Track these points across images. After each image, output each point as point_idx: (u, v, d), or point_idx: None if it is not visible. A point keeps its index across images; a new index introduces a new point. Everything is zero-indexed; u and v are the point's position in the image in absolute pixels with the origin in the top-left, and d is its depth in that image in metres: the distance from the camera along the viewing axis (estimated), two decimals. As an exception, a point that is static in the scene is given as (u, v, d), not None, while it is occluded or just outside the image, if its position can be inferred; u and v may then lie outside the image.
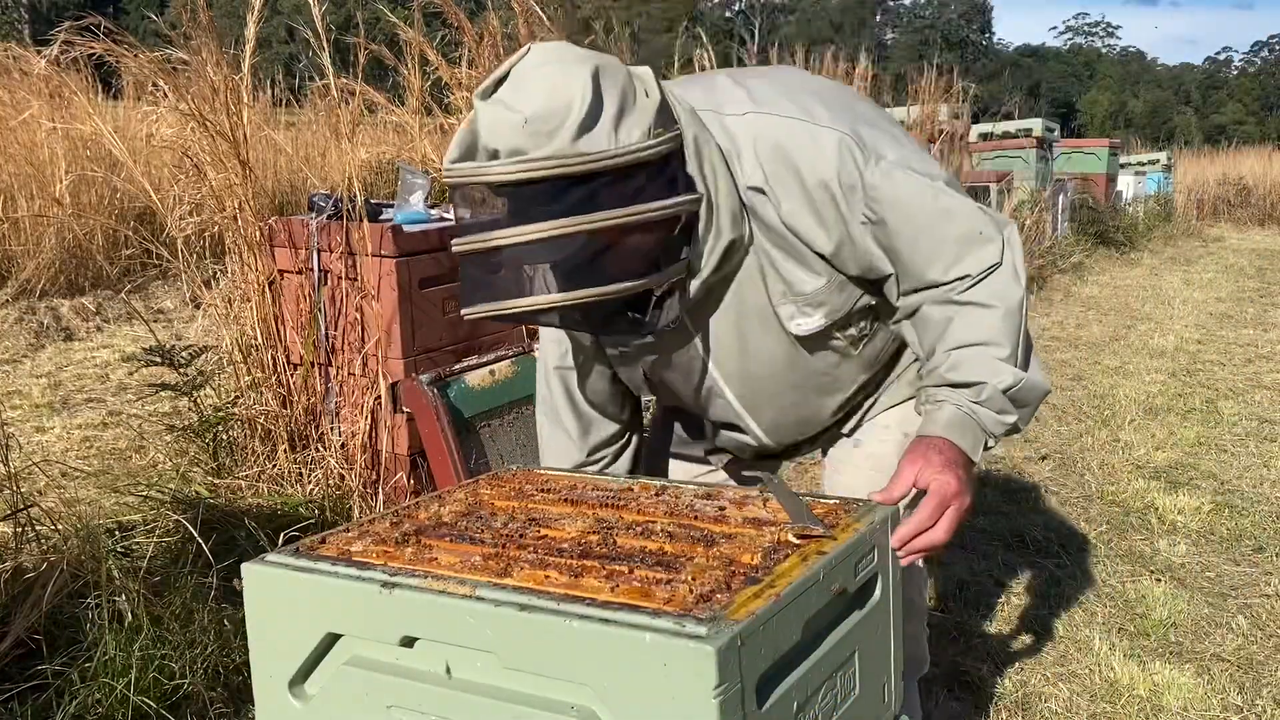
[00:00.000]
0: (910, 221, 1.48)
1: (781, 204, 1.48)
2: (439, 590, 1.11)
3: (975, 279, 1.50)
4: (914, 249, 1.49)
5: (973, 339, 1.49)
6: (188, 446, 3.41)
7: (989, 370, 1.47)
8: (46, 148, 6.26)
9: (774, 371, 1.63)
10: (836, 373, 1.66)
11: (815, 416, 1.73)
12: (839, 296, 1.56)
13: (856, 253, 1.51)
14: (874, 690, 1.30)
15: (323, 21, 3.16)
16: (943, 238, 1.49)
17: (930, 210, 1.49)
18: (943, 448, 1.45)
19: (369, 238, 3.01)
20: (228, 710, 2.12)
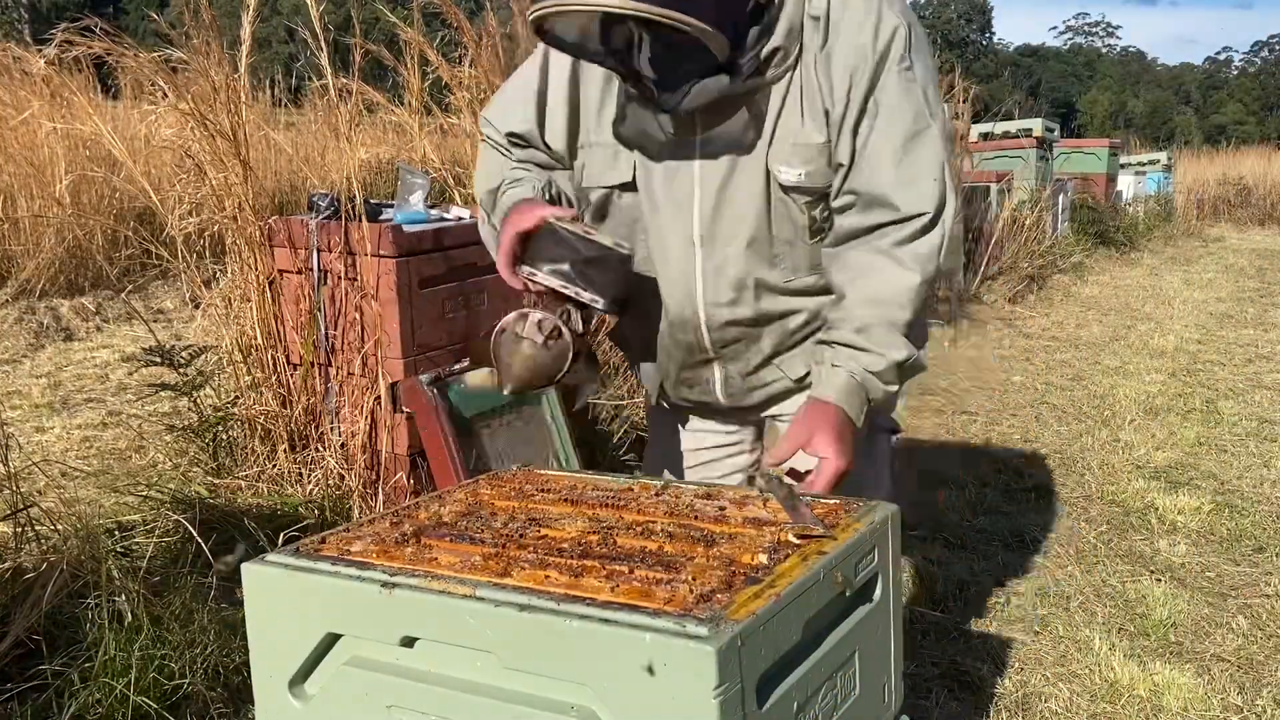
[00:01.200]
0: (891, 127, 1.58)
1: (826, 41, 1.57)
2: (439, 590, 1.11)
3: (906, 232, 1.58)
4: (878, 152, 1.59)
5: (883, 297, 1.58)
6: (188, 446, 3.41)
7: (889, 341, 1.57)
8: (46, 148, 6.25)
9: (741, 211, 1.65)
10: (788, 252, 1.68)
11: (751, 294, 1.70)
12: (823, 167, 1.62)
13: (844, 124, 1.59)
14: (874, 690, 1.30)
15: (321, 21, 3.16)
16: (905, 161, 1.58)
17: (910, 133, 1.59)
18: (833, 416, 1.54)
19: (369, 237, 3.01)
20: (228, 710, 2.12)
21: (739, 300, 1.71)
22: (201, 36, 3.17)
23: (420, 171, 3.39)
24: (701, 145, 1.64)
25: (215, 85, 3.14)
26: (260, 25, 3.23)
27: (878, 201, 1.59)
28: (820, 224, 1.67)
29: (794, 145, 1.61)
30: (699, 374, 1.83)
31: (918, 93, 1.59)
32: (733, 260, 1.68)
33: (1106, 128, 53.42)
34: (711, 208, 1.66)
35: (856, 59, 1.57)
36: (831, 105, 1.59)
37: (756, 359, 1.78)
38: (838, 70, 1.58)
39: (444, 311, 3.16)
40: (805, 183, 1.62)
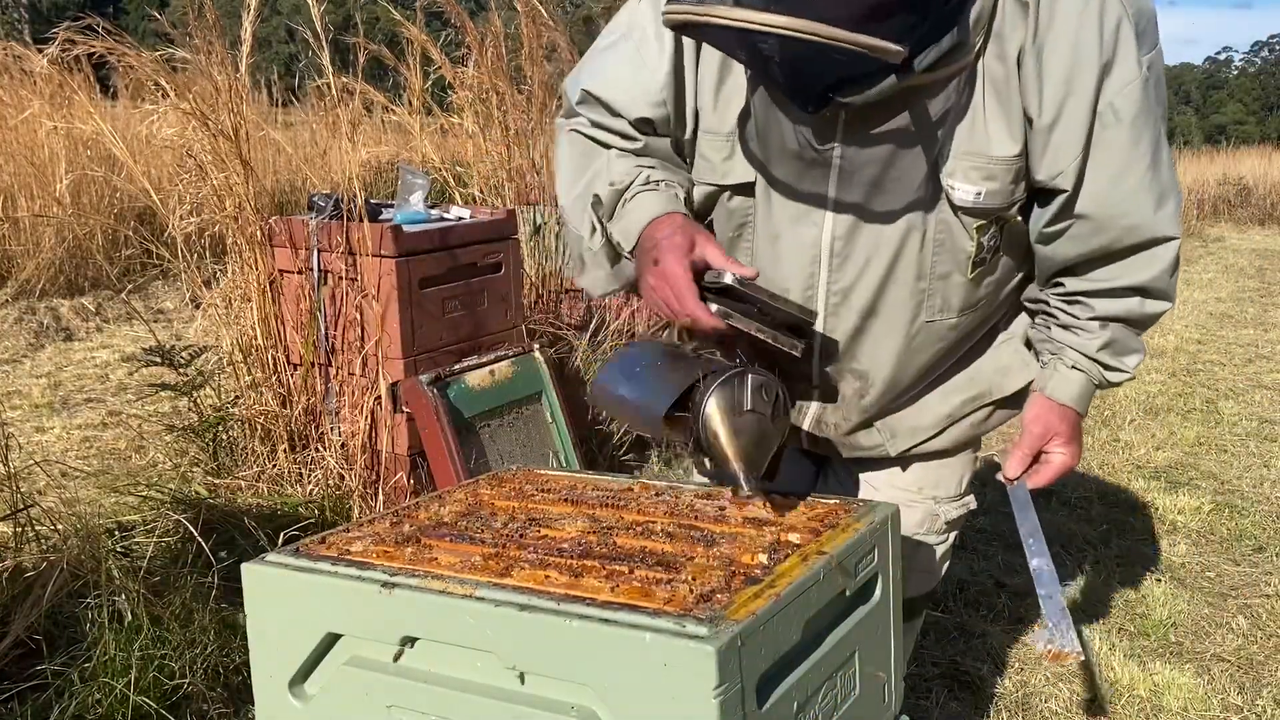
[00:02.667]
0: (1138, 141, 1.33)
1: (1037, 34, 1.29)
2: (439, 590, 1.11)
3: (1164, 262, 1.40)
4: (1126, 171, 1.34)
5: (1133, 319, 1.46)
6: (188, 446, 3.41)
7: (1130, 350, 1.49)
8: (46, 148, 6.26)
9: (887, 233, 1.40)
10: (940, 288, 1.44)
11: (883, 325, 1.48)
12: (1008, 185, 1.36)
13: (1061, 142, 1.32)
14: (874, 690, 1.30)
15: (322, 21, 3.16)
16: (1154, 180, 1.35)
17: (1154, 144, 1.35)
18: (1070, 418, 1.49)
19: (369, 237, 3.01)
20: (228, 710, 2.12)
21: (864, 330, 1.48)
22: (204, 36, 3.17)
23: (420, 171, 3.39)
24: (843, 149, 1.35)
25: (217, 85, 3.14)
26: (260, 25, 3.23)
27: (1128, 228, 1.37)
28: (987, 253, 1.43)
29: (976, 156, 1.34)
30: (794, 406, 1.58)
31: (1154, 95, 1.33)
32: (867, 284, 1.44)
33: (1106, 128, 53.25)
34: (848, 225, 1.40)
35: (1077, 59, 1.29)
36: (1039, 112, 1.32)
37: (856, 416, 1.57)
38: (1055, 67, 1.30)
39: (444, 311, 3.16)
40: (982, 203, 1.36)
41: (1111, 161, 1.34)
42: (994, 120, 1.33)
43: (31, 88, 6.43)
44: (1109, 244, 1.39)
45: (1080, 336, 1.49)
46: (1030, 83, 1.32)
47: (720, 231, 1.52)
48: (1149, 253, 1.40)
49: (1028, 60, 1.31)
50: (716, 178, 1.48)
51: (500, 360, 3.18)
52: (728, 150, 1.45)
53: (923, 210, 1.39)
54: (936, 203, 1.38)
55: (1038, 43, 1.30)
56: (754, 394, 1.27)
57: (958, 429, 1.63)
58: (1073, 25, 1.30)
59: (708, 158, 1.47)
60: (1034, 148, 1.34)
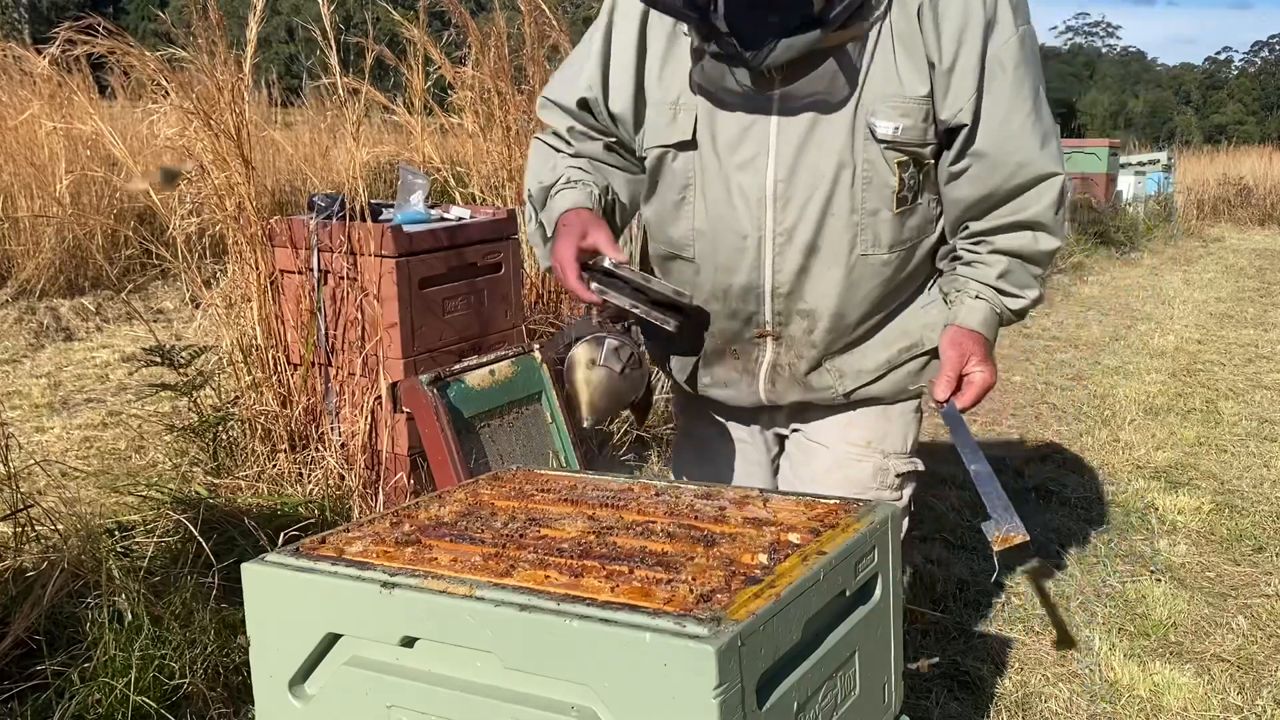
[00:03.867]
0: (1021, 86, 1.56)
1: None
2: (439, 590, 1.11)
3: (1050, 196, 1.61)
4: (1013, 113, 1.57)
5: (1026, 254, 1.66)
6: (188, 446, 3.41)
7: (1027, 283, 1.68)
8: (46, 148, 6.26)
9: (822, 169, 1.59)
10: (870, 223, 1.63)
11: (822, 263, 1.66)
12: (921, 121, 1.57)
13: (959, 86, 1.55)
14: (874, 690, 1.30)
15: (331, 21, 3.16)
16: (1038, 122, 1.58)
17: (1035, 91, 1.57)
18: (980, 341, 1.67)
19: (370, 237, 3.01)
20: (228, 710, 2.12)
21: (808, 268, 1.65)
22: (207, 36, 3.17)
23: (420, 171, 3.39)
24: (780, 100, 1.57)
25: (219, 84, 3.15)
26: (261, 25, 3.23)
27: (1018, 165, 1.59)
28: (908, 191, 1.62)
29: (891, 96, 1.55)
30: (749, 352, 1.76)
31: (1030, 51, 1.57)
32: (806, 223, 1.62)
33: (1106, 128, 53.42)
34: (789, 166, 1.59)
35: (965, 12, 1.53)
36: (939, 58, 1.54)
37: (809, 352, 1.73)
38: (949, 21, 1.53)
39: (444, 311, 3.16)
40: (901, 137, 1.56)
41: (999, 106, 1.57)
42: (904, 66, 1.55)
43: (31, 88, 6.43)
44: (1002, 182, 1.61)
45: (980, 269, 1.68)
46: (930, 34, 1.54)
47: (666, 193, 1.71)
48: (1036, 189, 1.62)
49: (926, 15, 1.54)
50: (662, 139, 1.67)
51: (500, 360, 3.18)
52: (671, 115, 1.65)
53: (850, 149, 1.58)
54: (860, 142, 1.58)
55: (933, 1, 1.54)
56: (608, 353, 1.57)
57: (897, 375, 1.79)
58: None
59: (655, 124, 1.68)
60: (937, 90, 1.56)
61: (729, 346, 1.77)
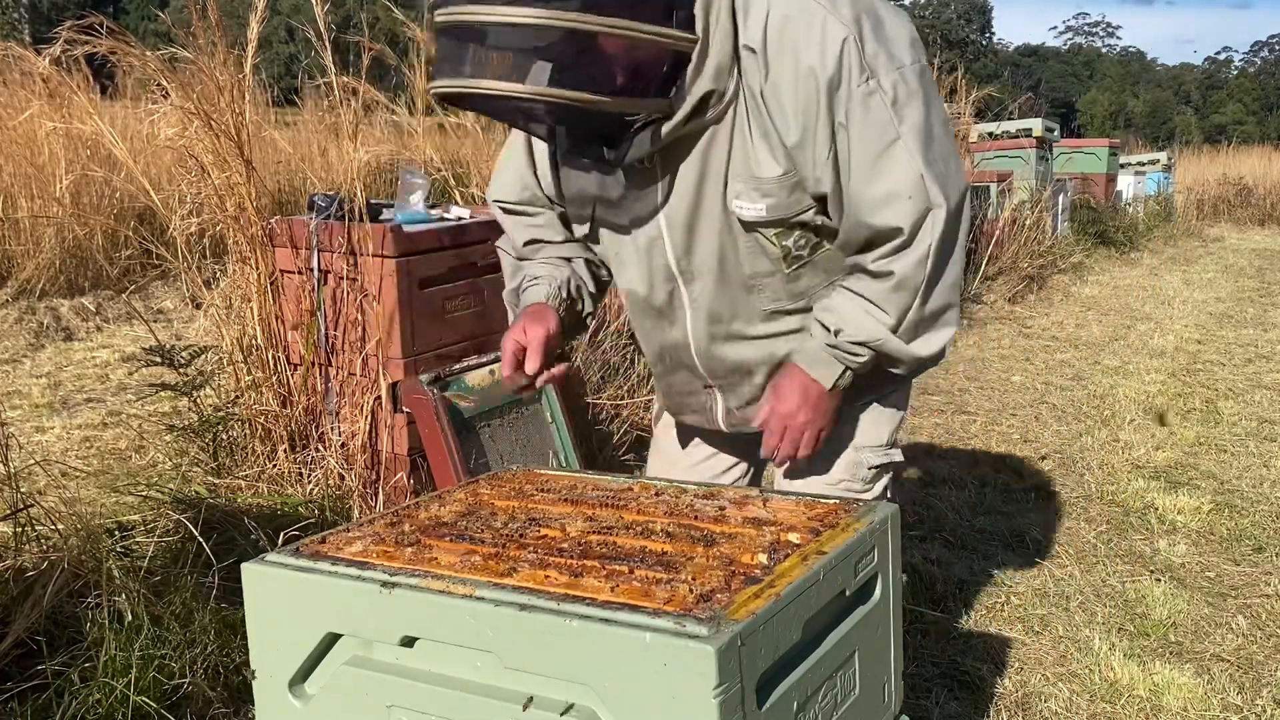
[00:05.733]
0: (859, 148, 1.52)
1: (769, 73, 1.50)
2: (439, 590, 1.11)
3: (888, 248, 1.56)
4: (851, 175, 1.54)
5: (863, 292, 1.60)
6: (188, 446, 3.41)
7: (858, 322, 1.60)
8: (46, 148, 6.26)
9: (710, 248, 1.63)
10: (765, 281, 1.66)
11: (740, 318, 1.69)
12: (787, 196, 1.56)
13: (814, 156, 1.53)
14: (874, 690, 1.30)
15: (325, 21, 3.16)
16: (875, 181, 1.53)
17: (877, 151, 1.51)
18: (799, 378, 1.65)
19: (370, 237, 3.01)
20: (228, 710, 2.12)
21: (718, 333, 1.71)
22: (207, 36, 3.17)
23: (420, 172, 3.39)
24: (665, 185, 1.61)
25: (220, 85, 3.15)
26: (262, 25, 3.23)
27: (859, 224, 1.56)
28: (798, 252, 1.63)
29: (751, 180, 1.56)
30: (700, 400, 1.83)
31: (879, 105, 1.50)
32: (706, 294, 1.67)
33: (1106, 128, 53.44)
34: (683, 246, 1.64)
35: (808, 87, 1.49)
36: (788, 135, 1.53)
37: (750, 392, 1.77)
38: (789, 100, 1.51)
39: (444, 311, 3.16)
40: (769, 216, 1.57)
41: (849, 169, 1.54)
42: (760, 148, 1.54)
43: (31, 88, 6.43)
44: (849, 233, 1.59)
45: (818, 303, 1.67)
46: (776, 113, 1.52)
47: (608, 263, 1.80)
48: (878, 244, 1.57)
49: (769, 94, 1.51)
50: (577, 230, 1.78)
51: (500, 360, 3.18)
52: (576, 214, 1.76)
53: (728, 231, 1.61)
54: (730, 221, 1.60)
55: (771, 79, 1.50)
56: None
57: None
58: (792, 59, 1.49)
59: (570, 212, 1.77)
60: (796, 163, 1.54)
61: (684, 393, 1.85)
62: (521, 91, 1.35)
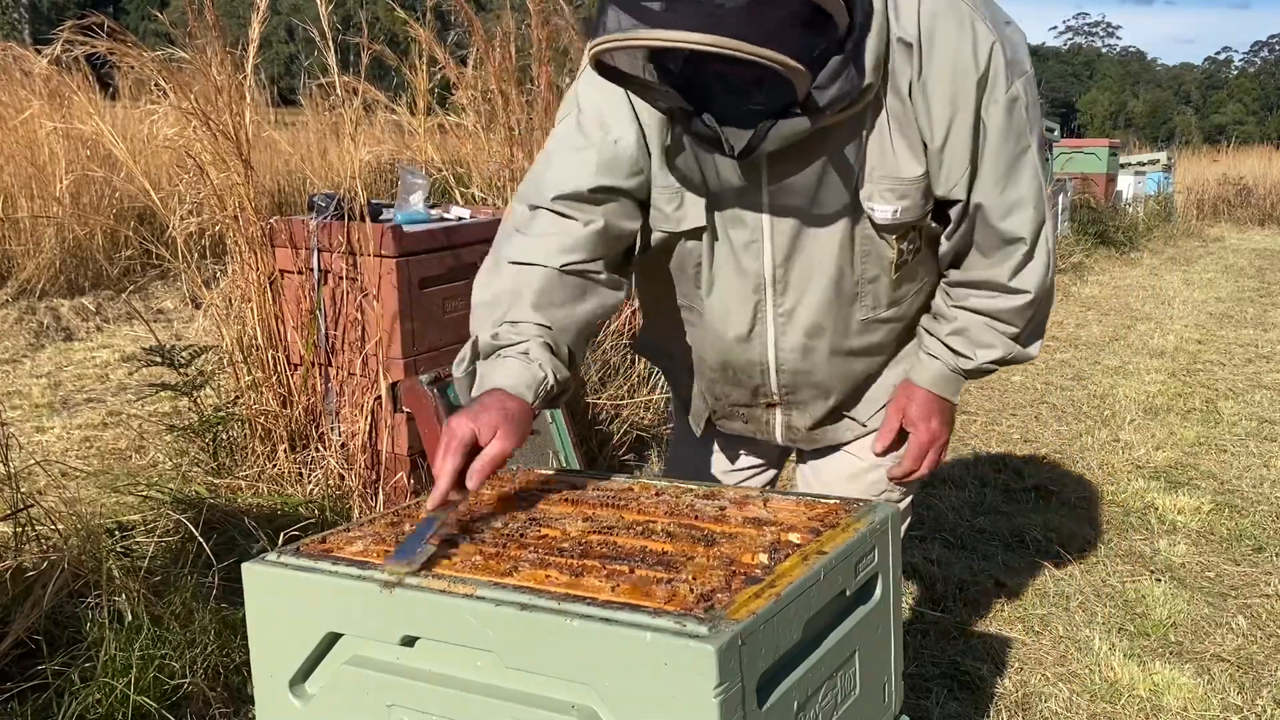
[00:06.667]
0: (998, 155, 1.51)
1: (923, 69, 1.45)
2: (439, 590, 1.11)
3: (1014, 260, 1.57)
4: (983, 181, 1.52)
5: (989, 311, 1.62)
6: (188, 446, 3.41)
7: (985, 342, 1.64)
8: (46, 148, 6.26)
9: (818, 251, 1.55)
10: (869, 289, 1.61)
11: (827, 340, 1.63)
12: (920, 198, 1.52)
13: (952, 158, 1.50)
14: (874, 690, 1.30)
15: (329, 20, 3.16)
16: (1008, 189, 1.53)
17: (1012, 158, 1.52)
18: (923, 399, 1.68)
19: (370, 237, 3.01)
20: (228, 710, 2.12)
21: (812, 347, 1.64)
22: (206, 36, 3.17)
23: (420, 172, 3.39)
24: (770, 186, 1.51)
25: (219, 85, 3.15)
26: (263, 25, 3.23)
27: (990, 229, 1.55)
28: (906, 256, 1.60)
29: (888, 179, 1.50)
30: (757, 415, 1.77)
31: (1020, 113, 1.50)
32: (808, 304, 1.60)
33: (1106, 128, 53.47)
34: (785, 252, 1.56)
35: (957, 86, 1.46)
36: (931, 136, 1.49)
37: (821, 411, 1.73)
38: (937, 99, 1.46)
39: (444, 311, 3.16)
40: (899, 219, 1.52)
41: (984, 176, 1.53)
42: (899, 147, 1.49)
43: (31, 88, 6.43)
44: (976, 242, 1.59)
45: (939, 324, 1.68)
46: (921, 112, 1.48)
47: (683, 268, 1.65)
48: (1002, 251, 1.58)
49: (916, 92, 1.47)
50: (671, 225, 1.60)
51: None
52: (678, 200, 1.57)
53: (849, 233, 1.55)
54: (858, 223, 1.54)
55: (923, 77, 1.46)
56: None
57: None
58: (950, 56, 1.46)
59: (661, 208, 1.59)
60: (932, 167, 1.51)
61: (736, 410, 1.78)
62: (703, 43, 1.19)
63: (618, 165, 1.53)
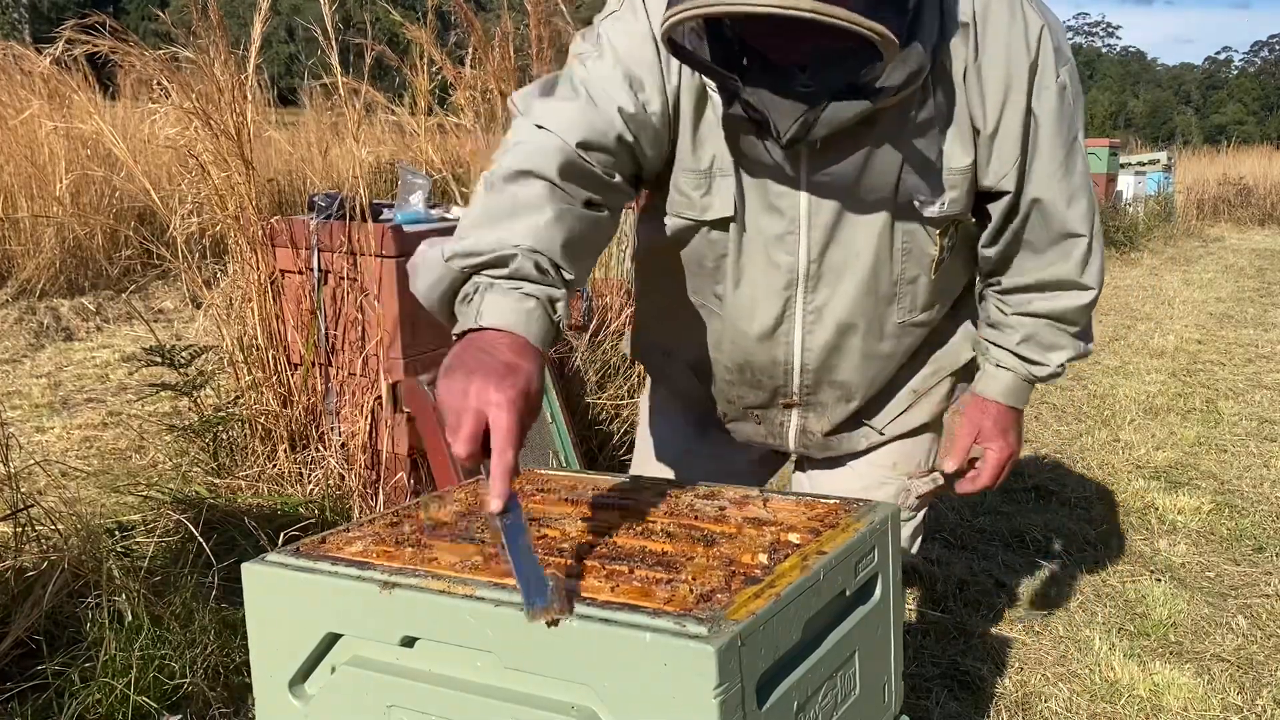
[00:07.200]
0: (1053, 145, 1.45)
1: (979, 53, 1.38)
2: (439, 590, 1.11)
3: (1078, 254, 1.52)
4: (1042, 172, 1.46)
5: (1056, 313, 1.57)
6: (188, 446, 3.41)
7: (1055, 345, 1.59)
8: (46, 148, 6.26)
9: (856, 245, 1.47)
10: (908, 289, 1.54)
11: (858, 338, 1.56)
12: (967, 189, 1.45)
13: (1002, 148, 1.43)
14: (874, 690, 1.30)
15: (332, 20, 3.16)
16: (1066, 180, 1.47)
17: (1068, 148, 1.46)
18: (996, 413, 1.63)
19: (369, 237, 3.01)
20: (228, 710, 2.12)
21: (841, 345, 1.57)
22: (209, 36, 3.17)
23: (420, 172, 3.39)
24: (809, 173, 1.42)
25: (220, 85, 3.15)
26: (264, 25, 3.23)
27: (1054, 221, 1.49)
28: (946, 253, 1.52)
29: (937, 171, 1.42)
30: (772, 417, 1.69)
31: (1069, 101, 1.45)
32: (841, 300, 1.52)
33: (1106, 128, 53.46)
34: (821, 245, 1.47)
35: (1011, 71, 1.40)
36: (984, 123, 1.42)
37: (841, 415, 1.66)
38: (993, 83, 1.40)
39: (444, 311, 3.15)
40: (947, 211, 1.45)
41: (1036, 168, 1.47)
42: (953, 135, 1.42)
43: (31, 88, 6.43)
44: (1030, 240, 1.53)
45: (1004, 333, 1.62)
46: (975, 98, 1.41)
47: (701, 260, 1.56)
48: (1061, 247, 1.52)
49: (970, 77, 1.40)
50: (695, 213, 1.50)
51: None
52: (706, 186, 1.48)
53: (890, 226, 1.47)
54: (900, 216, 1.46)
55: (978, 60, 1.40)
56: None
57: (927, 402, 1.74)
58: (1003, 39, 1.40)
59: (686, 193, 1.49)
60: (980, 156, 1.44)
61: (750, 412, 1.70)
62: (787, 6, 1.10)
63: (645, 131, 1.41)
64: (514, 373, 1.14)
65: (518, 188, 1.30)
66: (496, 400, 1.09)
